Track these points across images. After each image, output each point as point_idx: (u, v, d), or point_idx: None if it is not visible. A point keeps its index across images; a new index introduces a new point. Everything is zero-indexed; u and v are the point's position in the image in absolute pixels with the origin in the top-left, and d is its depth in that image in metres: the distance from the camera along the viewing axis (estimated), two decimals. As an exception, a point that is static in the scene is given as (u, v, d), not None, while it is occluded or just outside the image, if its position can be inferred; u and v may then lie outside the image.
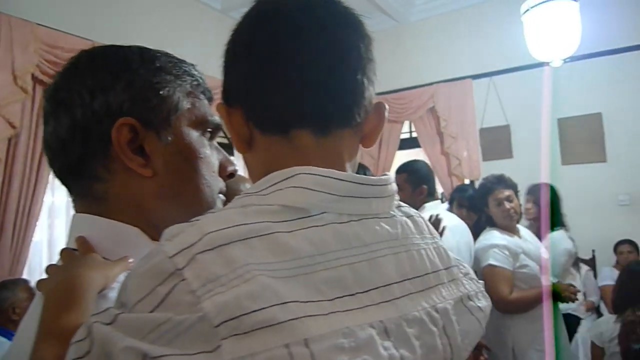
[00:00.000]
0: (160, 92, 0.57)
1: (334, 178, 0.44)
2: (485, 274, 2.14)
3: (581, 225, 3.62)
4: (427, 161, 4.37)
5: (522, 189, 2.67)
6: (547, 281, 2.18)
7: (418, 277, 0.46)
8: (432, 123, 4.34)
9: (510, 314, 2.14)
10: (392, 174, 0.61)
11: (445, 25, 4.35)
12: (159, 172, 0.57)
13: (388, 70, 4.65)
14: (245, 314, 0.35)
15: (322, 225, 0.42)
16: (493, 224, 2.29)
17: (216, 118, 0.61)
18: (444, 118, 4.20)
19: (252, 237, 0.39)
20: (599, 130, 3.70)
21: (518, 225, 2.33)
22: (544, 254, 2.30)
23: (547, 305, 2.16)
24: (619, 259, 3.50)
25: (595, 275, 3.64)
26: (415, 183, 2.24)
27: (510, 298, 2.10)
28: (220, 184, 0.63)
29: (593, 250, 3.73)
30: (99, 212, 0.56)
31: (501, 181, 2.30)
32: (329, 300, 0.39)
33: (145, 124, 0.56)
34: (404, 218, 0.50)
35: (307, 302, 0.38)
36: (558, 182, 3.63)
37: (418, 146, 4.45)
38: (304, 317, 0.37)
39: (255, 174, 0.50)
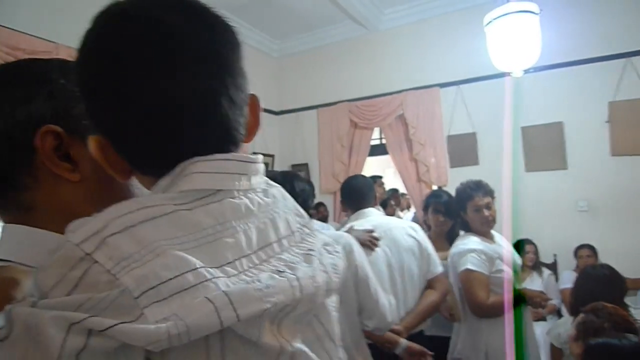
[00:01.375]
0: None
1: (221, 159, 0.49)
2: (463, 278, 2.18)
3: (543, 231, 3.75)
4: (396, 167, 4.45)
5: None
6: (518, 286, 2.25)
7: (290, 235, 0.55)
8: (401, 130, 4.41)
9: (487, 318, 2.17)
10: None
11: (414, 34, 4.44)
12: (87, 177, 0.58)
13: (358, 78, 4.71)
14: (162, 283, 0.39)
15: (219, 201, 0.48)
16: (469, 229, 2.31)
17: None
18: (412, 125, 4.27)
19: (157, 217, 0.43)
20: (560, 139, 3.83)
21: (492, 231, 2.36)
22: (518, 260, 2.35)
23: (510, 310, 2.22)
24: (579, 263, 3.62)
25: (556, 279, 3.76)
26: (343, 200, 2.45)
27: (487, 303, 2.13)
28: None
29: (554, 255, 3.85)
30: (27, 222, 0.57)
31: (480, 187, 2.31)
32: (229, 263, 0.45)
33: (69, 131, 0.57)
34: (272, 189, 0.57)
35: (214, 267, 0.43)
36: (521, 188, 3.76)
37: (387, 152, 4.51)
38: (212, 278, 0.42)
39: (143, 189, 0.54)
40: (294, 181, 1.78)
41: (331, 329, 0.56)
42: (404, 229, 2.13)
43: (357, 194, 2.39)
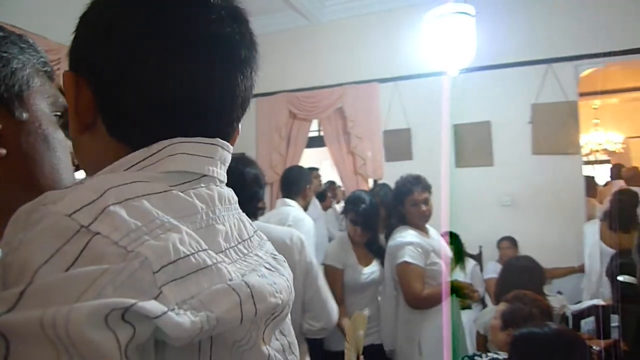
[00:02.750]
0: (10, 65, 0.50)
1: (206, 143, 0.46)
2: (400, 270, 2.23)
3: (470, 223, 3.95)
4: (333, 160, 4.48)
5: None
6: (450, 278, 2.34)
7: (255, 233, 0.53)
8: (339, 123, 4.43)
9: (421, 309, 2.24)
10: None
11: (355, 28, 4.47)
12: (11, 153, 0.50)
13: (299, 69, 4.66)
14: (181, 258, 0.35)
15: (207, 186, 0.45)
16: (405, 222, 2.36)
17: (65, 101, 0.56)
18: (351, 119, 4.31)
19: (151, 194, 0.38)
20: (488, 137, 4.05)
21: (427, 225, 2.43)
22: (449, 252, 2.45)
23: (447, 301, 2.32)
24: (501, 254, 3.86)
25: (481, 269, 3.98)
26: None
27: (422, 295, 2.20)
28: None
29: (480, 246, 4.07)
30: None
31: (419, 182, 2.36)
32: (223, 250, 0.43)
33: None
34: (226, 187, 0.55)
35: (216, 252, 0.41)
36: (452, 183, 3.93)
37: (325, 145, 4.52)
38: (223, 262, 0.39)
39: (90, 159, 0.47)
40: (245, 167, 1.61)
41: (292, 341, 0.54)
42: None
43: (281, 184, 2.77)
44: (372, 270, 2.43)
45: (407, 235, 2.28)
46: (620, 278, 2.21)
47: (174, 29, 0.43)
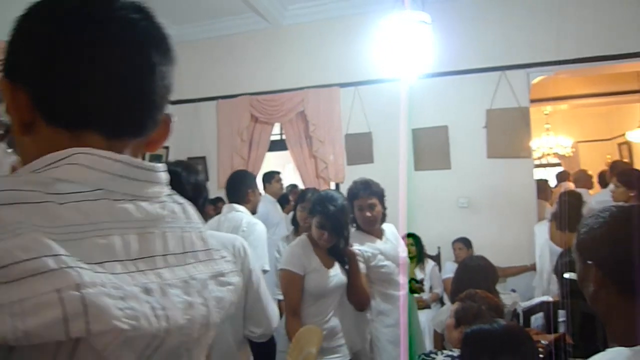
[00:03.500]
0: None
1: (110, 159, 0.48)
2: None
3: (429, 225, 4.05)
4: (295, 163, 4.49)
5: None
6: (404, 279, 2.38)
7: (180, 253, 0.53)
8: (301, 126, 4.46)
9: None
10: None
11: (317, 33, 4.51)
12: None
13: (260, 72, 4.65)
14: (15, 263, 0.37)
15: (95, 200, 0.46)
16: (357, 226, 2.40)
17: (6, 119, 0.59)
18: (313, 122, 4.34)
19: (22, 203, 0.41)
20: (445, 141, 4.17)
21: (383, 226, 2.48)
22: (402, 253, 2.49)
23: (404, 302, 2.37)
24: (455, 255, 3.98)
25: (440, 269, 4.09)
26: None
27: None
28: None
29: (438, 247, 4.18)
30: None
31: (367, 188, 2.38)
32: (97, 263, 0.43)
33: None
34: (174, 204, 0.56)
35: (78, 261, 0.41)
36: (412, 186, 4.02)
37: (287, 148, 4.53)
38: (76, 267, 0.40)
39: (31, 159, 0.50)
40: (183, 172, 1.62)
41: None
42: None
43: (226, 189, 2.77)
44: (336, 272, 2.23)
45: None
46: (566, 275, 2.32)
47: (82, 31, 0.48)
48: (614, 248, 0.91)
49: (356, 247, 2.29)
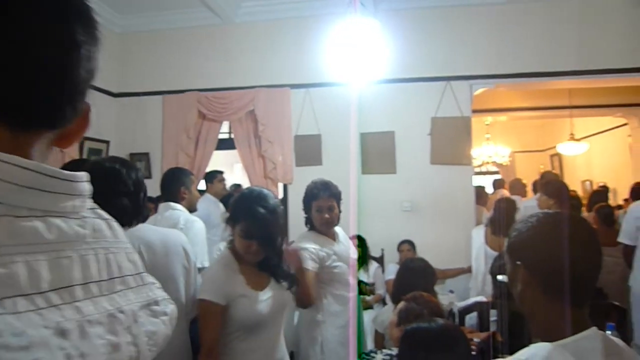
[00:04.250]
0: None
1: (17, 165, 0.39)
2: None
3: (374, 227, 4.13)
4: (243, 163, 4.44)
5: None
6: (354, 280, 2.42)
7: (104, 280, 0.45)
8: (250, 126, 4.41)
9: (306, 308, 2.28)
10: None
11: (269, 32, 4.48)
12: None
13: (210, 68, 4.56)
14: None
15: None
16: (313, 227, 2.41)
17: None
18: (262, 122, 4.31)
19: None
20: (392, 146, 4.28)
21: (336, 228, 2.50)
22: (353, 255, 2.53)
23: (354, 301, 2.40)
24: (401, 257, 4.09)
25: (383, 271, 4.18)
26: None
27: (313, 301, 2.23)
28: None
29: (382, 249, 4.28)
30: None
31: (327, 189, 2.38)
32: None
33: None
34: (97, 220, 0.48)
35: None
36: (358, 189, 4.09)
37: (235, 147, 4.47)
38: None
39: None
40: (122, 168, 1.58)
41: None
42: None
43: (160, 187, 2.70)
44: (269, 294, 1.76)
45: (304, 242, 2.32)
46: (499, 277, 2.45)
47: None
48: (538, 250, 0.98)
49: (311, 246, 2.30)
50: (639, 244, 3.48)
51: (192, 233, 2.43)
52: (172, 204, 2.62)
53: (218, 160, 5.13)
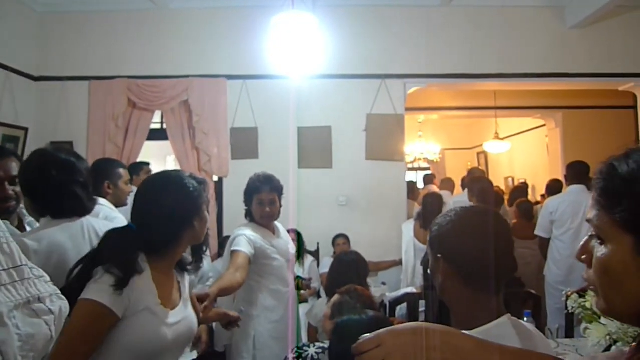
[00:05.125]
0: None
1: None
2: (231, 258, 2.18)
3: (309, 221, 4.17)
4: (176, 155, 4.29)
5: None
6: (292, 274, 2.42)
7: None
8: (184, 116, 4.27)
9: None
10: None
11: (205, 20, 4.35)
12: None
13: (142, 54, 4.35)
14: None
15: None
16: (253, 219, 2.40)
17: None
18: (197, 113, 4.18)
19: None
20: (328, 141, 4.33)
21: (276, 223, 2.49)
22: (292, 250, 2.53)
23: (292, 296, 2.41)
24: (336, 250, 4.15)
25: (318, 265, 4.23)
26: None
27: (241, 281, 2.12)
28: None
29: (318, 243, 4.32)
30: None
31: (269, 183, 2.38)
32: None
33: None
34: None
35: None
36: (294, 183, 4.09)
37: (168, 138, 4.30)
38: None
39: None
40: (72, 158, 1.58)
41: None
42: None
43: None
44: (178, 318, 1.37)
45: (244, 229, 2.32)
46: (429, 270, 2.56)
47: None
48: (457, 243, 1.03)
49: (249, 233, 2.28)
50: (553, 237, 3.79)
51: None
52: (97, 198, 2.48)
53: (150, 152, 4.92)
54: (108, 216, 2.38)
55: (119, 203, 2.56)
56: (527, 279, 3.78)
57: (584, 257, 0.68)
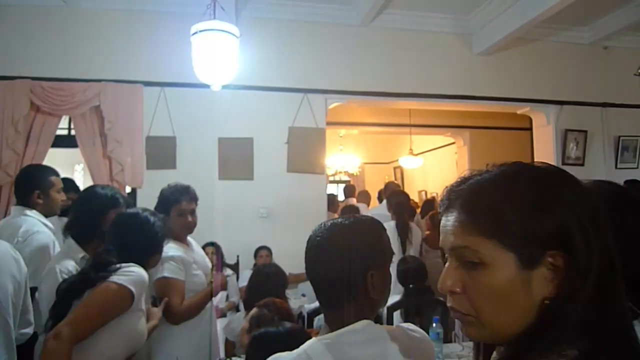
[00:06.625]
0: None
1: None
2: (158, 285, 2.14)
3: (230, 234, 4.09)
4: (86, 163, 4.02)
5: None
6: (209, 286, 2.36)
7: None
8: (95, 123, 4.00)
9: (179, 323, 2.18)
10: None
11: (119, 22, 4.13)
12: None
13: (47, 54, 4.05)
14: None
15: None
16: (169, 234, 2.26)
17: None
18: (109, 120, 3.95)
19: None
20: (250, 153, 4.29)
21: (188, 237, 2.40)
22: (209, 264, 2.46)
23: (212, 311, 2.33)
24: (258, 262, 4.11)
25: (237, 278, 4.15)
26: None
27: (180, 308, 2.14)
28: None
29: (238, 256, 4.25)
30: None
31: (187, 193, 2.31)
32: None
33: None
34: None
35: None
36: (214, 195, 4.01)
37: (77, 145, 4.01)
38: None
39: None
40: None
41: None
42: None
43: (14, 187, 2.46)
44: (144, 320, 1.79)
45: (167, 249, 2.18)
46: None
47: None
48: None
49: (177, 254, 2.19)
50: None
51: (29, 249, 2.12)
52: (25, 209, 2.29)
53: (55, 159, 4.54)
54: (29, 230, 2.18)
55: (49, 213, 2.36)
56: (436, 287, 4.00)
57: (458, 288, 0.63)
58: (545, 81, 4.93)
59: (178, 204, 2.28)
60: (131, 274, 1.59)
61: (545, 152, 4.99)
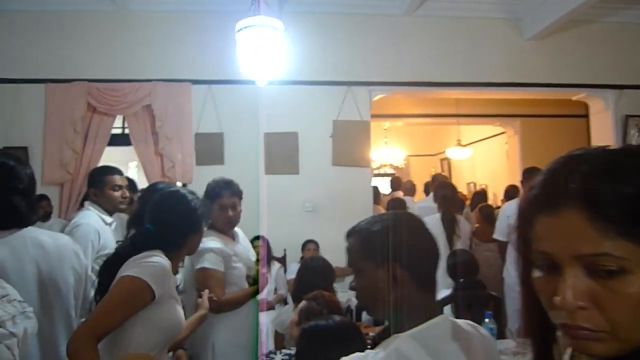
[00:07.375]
0: None
1: None
2: (199, 276, 2.20)
3: (276, 228, 4.14)
4: (139, 160, 4.19)
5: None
6: (249, 279, 2.39)
7: None
8: (147, 121, 4.17)
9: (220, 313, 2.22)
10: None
11: (168, 24, 4.27)
12: None
13: (102, 57, 4.23)
14: None
15: None
16: (212, 226, 2.31)
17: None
18: (160, 118, 4.09)
19: None
20: (295, 147, 4.32)
21: (235, 228, 2.44)
22: (252, 257, 2.50)
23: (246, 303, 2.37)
24: (305, 255, 4.14)
25: (285, 271, 4.21)
26: None
27: (222, 300, 2.18)
28: None
29: (284, 249, 4.30)
30: None
31: (229, 187, 2.34)
32: None
33: None
34: None
35: None
36: (260, 189, 4.07)
37: (131, 144, 4.19)
38: None
39: None
40: (11, 162, 1.47)
41: None
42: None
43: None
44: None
45: (207, 242, 2.23)
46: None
47: None
48: (409, 246, 1.07)
49: (217, 246, 2.24)
50: (511, 240, 3.91)
51: (74, 236, 2.25)
52: (89, 204, 2.55)
53: (111, 157, 4.76)
54: (76, 222, 2.38)
55: (110, 209, 2.55)
56: (489, 281, 3.86)
57: (587, 302, 0.52)
58: (603, 65, 4.65)
59: (219, 198, 2.32)
60: (146, 265, 1.51)
61: (603, 140, 4.71)
